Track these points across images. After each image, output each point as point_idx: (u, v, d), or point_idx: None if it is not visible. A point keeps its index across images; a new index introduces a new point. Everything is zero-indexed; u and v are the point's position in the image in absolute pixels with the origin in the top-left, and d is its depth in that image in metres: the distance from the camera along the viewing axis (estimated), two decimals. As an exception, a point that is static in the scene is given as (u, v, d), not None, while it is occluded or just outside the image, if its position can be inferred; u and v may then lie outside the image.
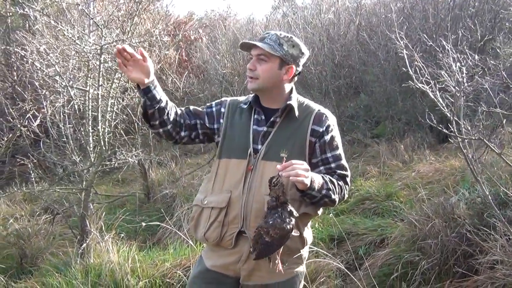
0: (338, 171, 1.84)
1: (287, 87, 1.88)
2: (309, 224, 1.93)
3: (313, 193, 1.70)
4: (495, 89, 3.24)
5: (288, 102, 1.84)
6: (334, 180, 1.79)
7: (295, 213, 1.65)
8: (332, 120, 1.87)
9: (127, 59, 1.71)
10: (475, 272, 2.95)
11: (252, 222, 1.77)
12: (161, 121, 1.86)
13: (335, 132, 1.87)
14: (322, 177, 1.76)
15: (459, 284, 2.97)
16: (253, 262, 1.81)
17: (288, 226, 1.61)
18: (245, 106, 1.91)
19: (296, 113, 1.84)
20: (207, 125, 1.96)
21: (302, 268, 1.94)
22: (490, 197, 2.73)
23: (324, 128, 1.84)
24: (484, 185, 2.74)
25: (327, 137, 1.83)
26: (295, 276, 1.89)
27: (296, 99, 1.88)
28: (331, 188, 1.76)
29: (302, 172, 1.60)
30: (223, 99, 2.02)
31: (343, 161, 1.87)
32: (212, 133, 1.97)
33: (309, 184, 1.65)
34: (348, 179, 1.87)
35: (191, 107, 2.00)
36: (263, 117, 1.87)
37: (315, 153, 1.84)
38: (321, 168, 1.84)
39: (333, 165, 1.84)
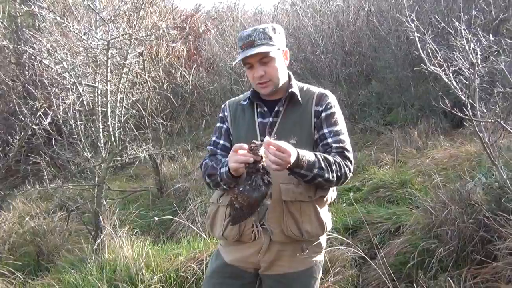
0: (335, 145, 1.78)
1: (287, 73, 1.89)
2: (326, 208, 1.90)
3: (302, 171, 1.66)
4: (511, 71, 3.14)
5: (290, 90, 1.84)
6: (330, 158, 1.73)
7: (268, 181, 1.60)
8: (332, 99, 1.86)
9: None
10: (493, 259, 2.89)
11: (271, 213, 1.75)
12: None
13: (335, 109, 1.84)
14: (316, 155, 1.70)
15: (478, 271, 2.91)
16: (274, 253, 1.81)
17: (256, 194, 1.58)
18: (246, 103, 1.92)
19: (299, 99, 1.84)
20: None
21: (321, 257, 1.92)
22: (508, 182, 2.65)
23: (324, 106, 1.83)
24: (502, 169, 2.67)
25: (324, 114, 1.82)
26: (314, 265, 1.88)
27: (296, 86, 1.88)
28: (324, 167, 1.69)
29: (279, 160, 1.54)
30: (222, 105, 2.04)
31: (342, 136, 1.81)
32: None
33: (292, 161, 1.59)
34: (347, 154, 1.79)
35: (221, 142, 1.97)
36: (265, 109, 1.87)
37: (315, 130, 1.82)
38: (319, 144, 1.81)
39: (329, 139, 1.79)
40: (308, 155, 1.67)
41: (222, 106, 2.03)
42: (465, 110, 2.53)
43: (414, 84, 7.07)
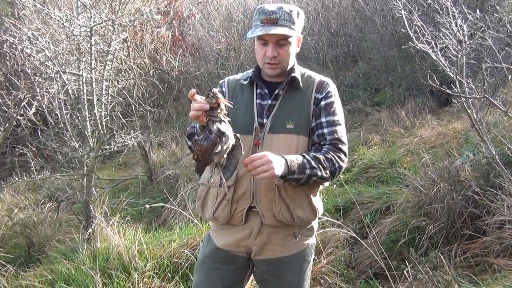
0: (329, 137, 1.76)
1: (295, 59, 1.86)
2: (318, 194, 1.90)
3: (295, 176, 1.66)
4: (496, 47, 3.16)
5: (292, 75, 1.82)
6: (320, 156, 1.72)
7: (218, 128, 1.57)
8: (332, 88, 1.84)
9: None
10: (482, 233, 2.95)
11: (263, 197, 1.75)
12: None
13: (334, 99, 1.82)
14: (303, 156, 1.70)
15: (467, 246, 2.97)
16: (265, 236, 1.81)
17: (205, 143, 1.57)
18: (246, 82, 1.88)
19: (300, 84, 1.82)
20: None
21: (313, 240, 1.93)
22: (497, 157, 2.68)
23: (324, 94, 1.81)
24: (490, 145, 2.69)
25: (324, 103, 1.80)
26: (306, 248, 1.88)
27: (298, 70, 1.85)
28: (315, 166, 1.68)
29: (262, 167, 1.56)
30: (220, 81, 2.00)
31: (338, 127, 1.79)
32: None
33: (279, 173, 1.60)
34: (341, 146, 1.77)
35: None
36: (266, 90, 1.84)
37: (313, 118, 1.80)
38: (315, 133, 1.79)
39: (325, 130, 1.77)
40: (296, 158, 1.67)
41: (220, 82, 1.99)
42: (453, 87, 2.53)
43: (400, 64, 7.09)
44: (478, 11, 2.65)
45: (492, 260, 2.75)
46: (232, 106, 1.64)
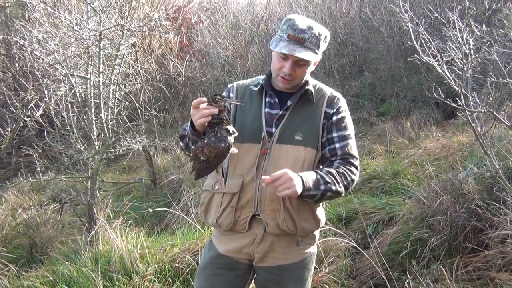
0: (340, 152, 1.78)
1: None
2: (321, 204, 1.91)
3: (311, 192, 1.67)
4: (502, 61, 3.17)
5: (307, 87, 1.82)
6: (333, 170, 1.73)
7: (233, 131, 1.61)
8: (343, 103, 1.86)
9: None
10: (485, 247, 2.93)
11: (267, 206, 1.75)
12: None
13: (345, 114, 1.83)
14: (317, 172, 1.71)
15: (469, 260, 2.95)
16: (268, 244, 1.81)
17: (223, 144, 1.58)
18: (256, 89, 1.87)
19: (314, 97, 1.82)
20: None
21: (314, 249, 1.93)
22: (500, 171, 2.68)
23: (335, 110, 1.81)
24: (494, 159, 2.69)
25: (335, 118, 1.80)
26: (308, 257, 1.89)
27: (311, 84, 1.85)
28: (330, 180, 1.70)
29: (285, 185, 1.59)
30: (229, 85, 1.99)
31: (350, 141, 1.80)
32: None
33: (299, 191, 1.62)
34: (352, 160, 1.78)
35: None
36: (276, 100, 1.83)
37: (324, 132, 1.80)
38: (326, 148, 1.80)
39: (337, 145, 1.78)
40: (310, 175, 1.67)
41: (229, 86, 1.98)
42: (458, 100, 2.54)
43: (406, 75, 7.10)
44: (484, 25, 2.67)
45: (494, 274, 2.73)
46: (242, 104, 1.65)
